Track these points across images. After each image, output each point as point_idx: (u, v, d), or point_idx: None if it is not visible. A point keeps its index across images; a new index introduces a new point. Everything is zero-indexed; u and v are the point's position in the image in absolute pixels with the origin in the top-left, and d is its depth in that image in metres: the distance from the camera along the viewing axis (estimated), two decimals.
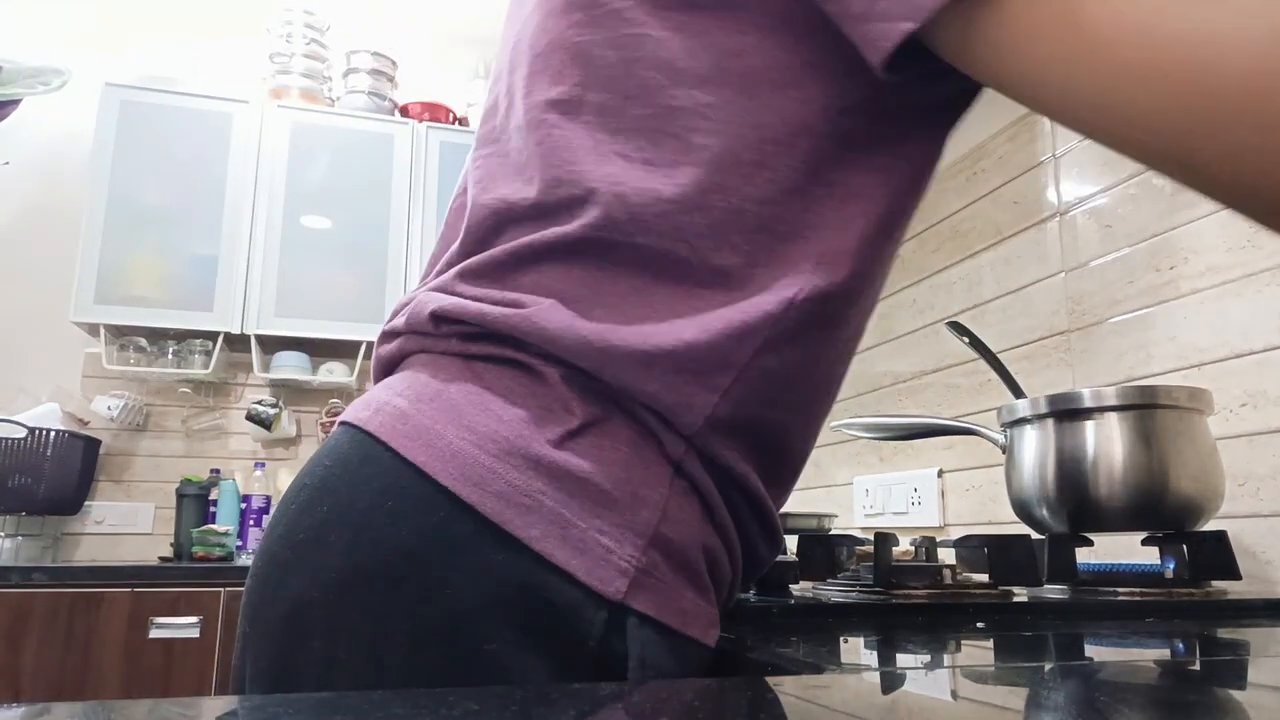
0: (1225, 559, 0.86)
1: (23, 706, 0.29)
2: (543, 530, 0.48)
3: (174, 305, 2.70)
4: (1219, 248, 1.01)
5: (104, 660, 2.14)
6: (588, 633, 0.48)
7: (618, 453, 0.51)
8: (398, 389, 0.54)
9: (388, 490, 0.49)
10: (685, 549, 0.51)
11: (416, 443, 0.50)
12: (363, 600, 0.48)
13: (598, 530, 0.49)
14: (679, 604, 0.51)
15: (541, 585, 0.47)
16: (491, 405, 0.51)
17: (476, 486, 0.48)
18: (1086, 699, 0.40)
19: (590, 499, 0.49)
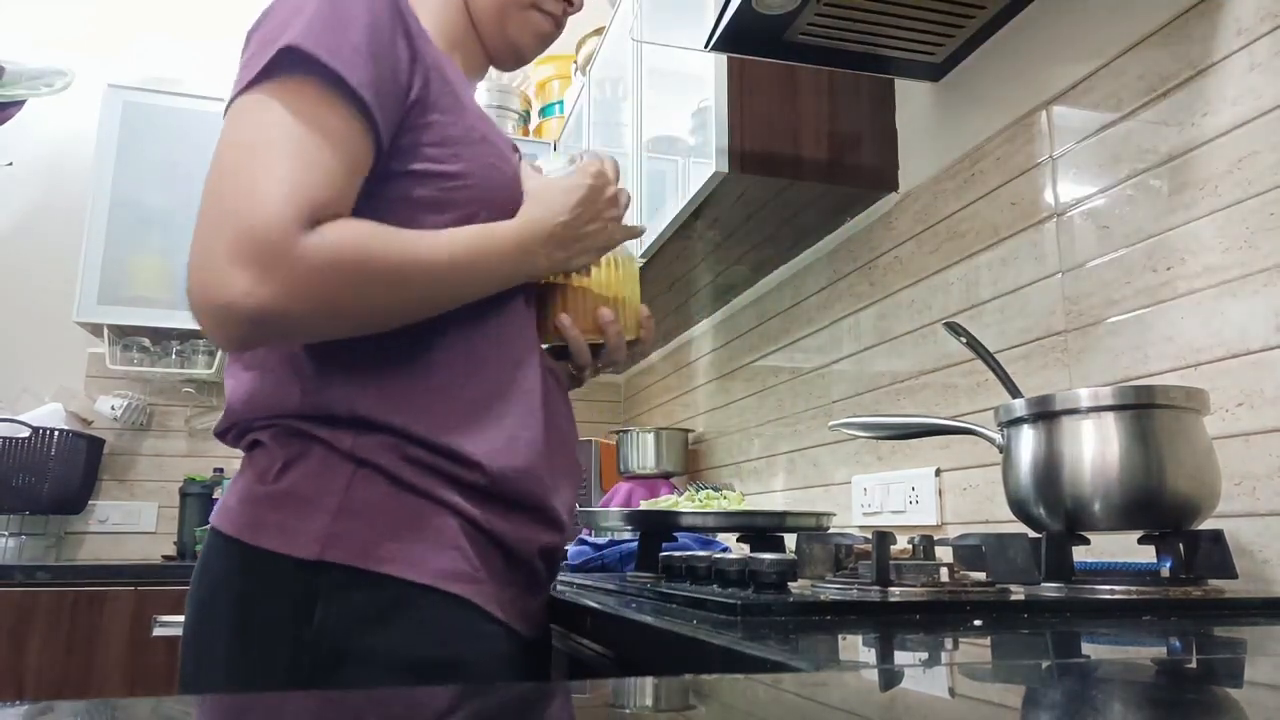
0: (1222, 558, 0.87)
1: (26, 704, 0.29)
2: (269, 536, 0.74)
3: (177, 305, 2.70)
4: (1216, 248, 1.02)
5: (107, 658, 2.14)
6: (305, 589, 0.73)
7: (307, 470, 0.76)
8: None
9: (209, 547, 0.80)
10: (380, 509, 0.75)
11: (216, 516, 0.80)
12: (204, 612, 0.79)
13: (298, 519, 0.74)
14: (374, 551, 0.73)
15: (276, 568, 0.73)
16: (246, 473, 0.80)
17: (231, 523, 0.77)
18: (1083, 697, 0.41)
19: (294, 504, 0.75)
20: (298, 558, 0.73)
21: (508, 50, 0.97)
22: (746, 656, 0.53)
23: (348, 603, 0.73)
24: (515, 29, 0.95)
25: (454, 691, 0.38)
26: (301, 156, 0.68)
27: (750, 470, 2.20)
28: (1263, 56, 0.98)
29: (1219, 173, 1.02)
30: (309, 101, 0.70)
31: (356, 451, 0.76)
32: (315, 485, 0.75)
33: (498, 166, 0.84)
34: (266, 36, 0.72)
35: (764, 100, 1.62)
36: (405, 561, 0.74)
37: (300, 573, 0.73)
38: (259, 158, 0.68)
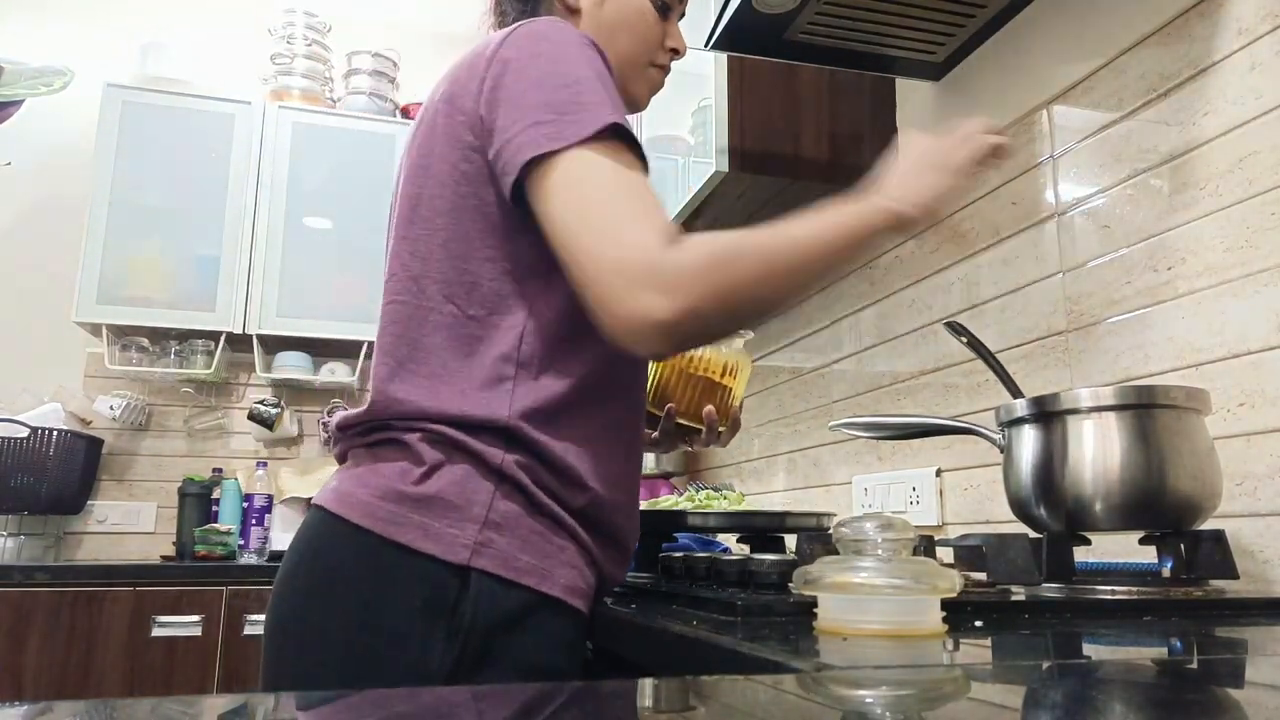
0: (1223, 558, 0.86)
1: (25, 705, 0.29)
2: (411, 535, 0.78)
3: (176, 305, 2.70)
4: (1216, 248, 1.02)
5: (106, 659, 2.14)
6: (446, 591, 0.77)
7: (454, 478, 0.80)
8: (337, 477, 0.87)
9: (327, 534, 0.82)
10: (517, 525, 0.80)
11: (337, 502, 0.82)
12: (318, 598, 0.80)
13: (446, 525, 0.79)
14: (513, 564, 0.79)
15: (416, 567, 0.77)
16: (379, 468, 0.83)
17: (369, 516, 0.80)
18: (1084, 698, 0.41)
19: (440, 510, 0.79)
20: (448, 560, 0.77)
21: (630, 104, 1.04)
22: (746, 656, 0.53)
23: (495, 608, 0.78)
24: (636, 86, 1.03)
25: (447, 691, 0.38)
26: (643, 200, 0.77)
27: (750, 470, 2.20)
28: (1263, 56, 0.98)
29: (1220, 172, 1.02)
30: (624, 159, 0.79)
31: (504, 467, 0.81)
32: (464, 494, 0.80)
33: None
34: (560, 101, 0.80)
35: (764, 100, 1.62)
36: (539, 574, 0.80)
37: (444, 574, 0.77)
38: (614, 204, 0.76)
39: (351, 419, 0.88)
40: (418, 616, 0.77)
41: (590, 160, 0.78)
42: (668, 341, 0.74)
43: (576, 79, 0.81)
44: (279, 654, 0.82)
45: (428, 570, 0.77)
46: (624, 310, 0.73)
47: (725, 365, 1.07)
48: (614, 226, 0.75)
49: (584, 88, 0.80)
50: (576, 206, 0.77)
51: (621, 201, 0.76)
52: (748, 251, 0.76)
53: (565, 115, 0.79)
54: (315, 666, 0.79)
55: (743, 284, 0.75)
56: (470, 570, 0.77)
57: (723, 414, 1.08)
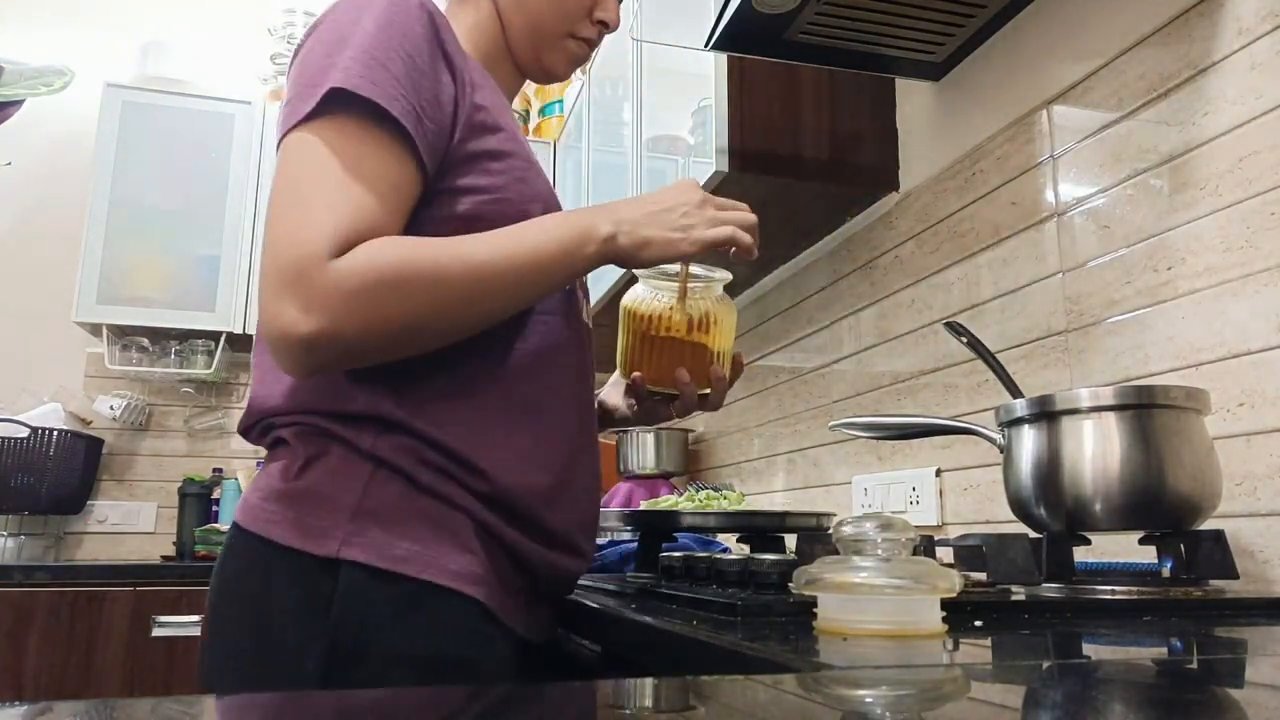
0: (1223, 558, 0.86)
1: (25, 705, 0.29)
2: (285, 532, 0.76)
3: (176, 305, 2.70)
4: (1216, 248, 1.02)
5: (106, 659, 2.14)
6: (325, 585, 0.74)
7: (327, 468, 0.78)
8: None
9: (229, 544, 0.82)
10: (397, 511, 0.76)
11: (238, 511, 0.81)
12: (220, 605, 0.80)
13: (316, 518, 0.76)
14: (389, 552, 0.75)
15: (292, 564, 0.75)
16: (268, 469, 0.82)
17: (250, 518, 0.79)
18: (1084, 698, 0.41)
19: (310, 502, 0.77)
20: (316, 554, 0.74)
21: (541, 74, 1.00)
22: (746, 657, 0.53)
23: (365, 600, 0.74)
24: (550, 56, 0.97)
25: (459, 692, 0.38)
26: (338, 191, 0.72)
27: (750, 470, 2.20)
28: (1263, 56, 0.98)
29: (1219, 172, 1.02)
30: (351, 138, 0.74)
31: (376, 451, 0.77)
32: (334, 483, 0.77)
33: (528, 180, 0.86)
34: (311, 75, 0.75)
35: (764, 100, 1.62)
36: (421, 561, 0.76)
37: (318, 569, 0.74)
38: (298, 197, 0.72)
39: (241, 423, 0.87)
40: (295, 617, 0.74)
41: (300, 143, 0.74)
42: (306, 359, 0.71)
43: (340, 42, 0.76)
44: (202, 666, 0.82)
45: (301, 567, 0.75)
46: (266, 317, 0.70)
47: (692, 321, 0.93)
48: (285, 225, 0.71)
49: (343, 54, 0.75)
50: (271, 196, 0.74)
51: (305, 192, 0.72)
52: (416, 273, 0.71)
53: (308, 88, 0.74)
54: (222, 676, 0.78)
55: (399, 313, 0.71)
56: (340, 562, 0.74)
57: (698, 374, 0.94)
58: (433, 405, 0.79)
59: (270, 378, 0.83)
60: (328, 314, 0.68)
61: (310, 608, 0.74)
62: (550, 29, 0.95)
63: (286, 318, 0.68)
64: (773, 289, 2.13)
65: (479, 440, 0.80)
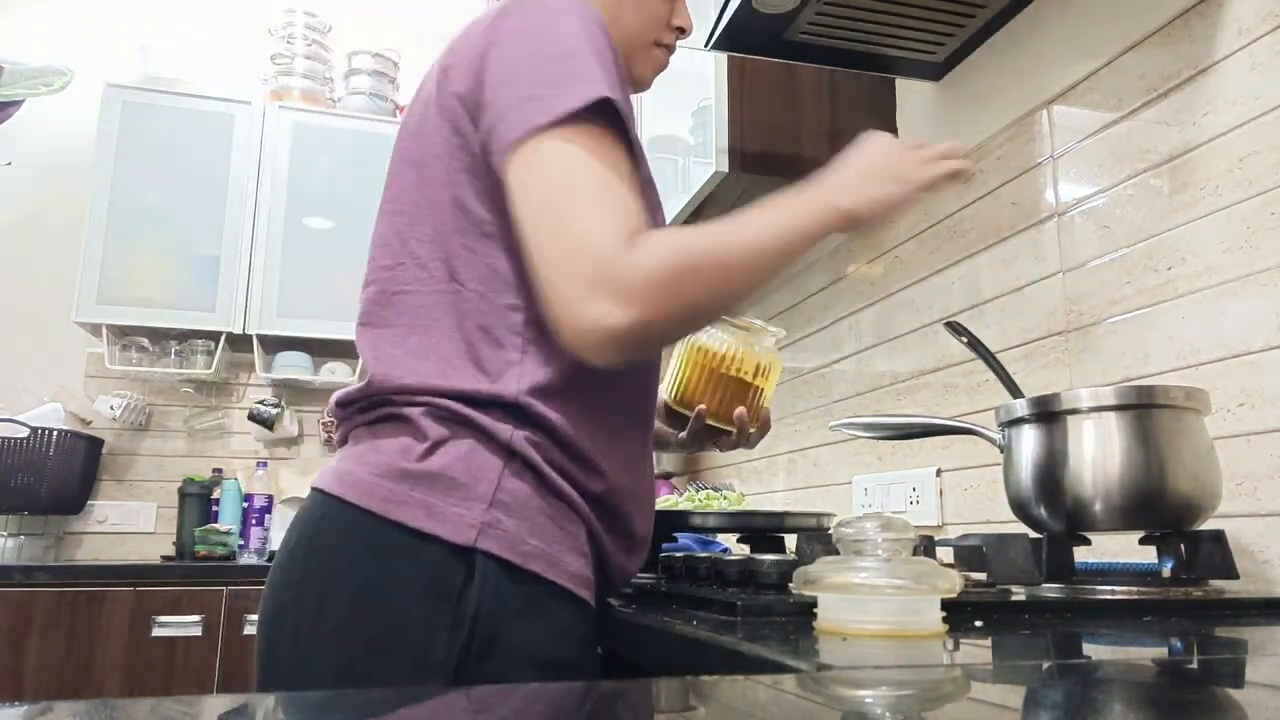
0: (1223, 558, 0.86)
1: (25, 705, 0.29)
2: (413, 514, 0.74)
3: (176, 305, 2.70)
4: (1216, 248, 1.02)
5: (106, 659, 2.14)
6: (454, 575, 0.73)
7: (459, 454, 0.76)
8: (337, 458, 0.84)
9: (323, 517, 0.78)
10: (525, 506, 0.76)
11: (335, 483, 0.79)
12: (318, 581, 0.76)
13: (450, 504, 0.74)
14: (520, 547, 0.75)
15: (421, 549, 0.73)
16: (379, 445, 0.79)
17: (368, 495, 0.76)
18: (1084, 698, 0.41)
19: (444, 487, 0.75)
20: (451, 541, 0.73)
21: (633, 83, 1.01)
22: (747, 657, 0.53)
23: (499, 594, 0.74)
24: (640, 66, 1.00)
25: (447, 690, 0.38)
26: (610, 192, 0.74)
27: (750, 470, 2.20)
28: (1263, 56, 0.98)
29: (1220, 172, 1.02)
30: (604, 140, 0.76)
31: (513, 443, 0.77)
32: (470, 471, 0.76)
33: (653, 183, 0.91)
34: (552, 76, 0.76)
35: (764, 99, 1.62)
36: (547, 560, 0.76)
37: (451, 556, 0.73)
38: (577, 200, 0.73)
39: (351, 394, 0.84)
40: (420, 602, 0.72)
41: (561, 147, 0.74)
42: (619, 350, 0.72)
43: (569, 52, 0.77)
44: (273, 646, 0.77)
45: (431, 552, 0.73)
46: (574, 316, 0.70)
47: (758, 366, 1.03)
48: (570, 225, 0.72)
49: (577, 62, 0.77)
50: (538, 199, 0.74)
51: (584, 195, 0.73)
52: (706, 259, 0.73)
53: (553, 90, 0.75)
54: (311, 658, 0.74)
55: (701, 294, 0.73)
56: (476, 552, 0.73)
57: (754, 416, 1.03)
58: (564, 400, 0.80)
59: (396, 356, 0.82)
60: (644, 303, 0.69)
61: (440, 594, 0.72)
62: (640, 40, 0.98)
63: (601, 313, 0.69)
64: (773, 289, 2.13)
65: (602, 439, 0.82)
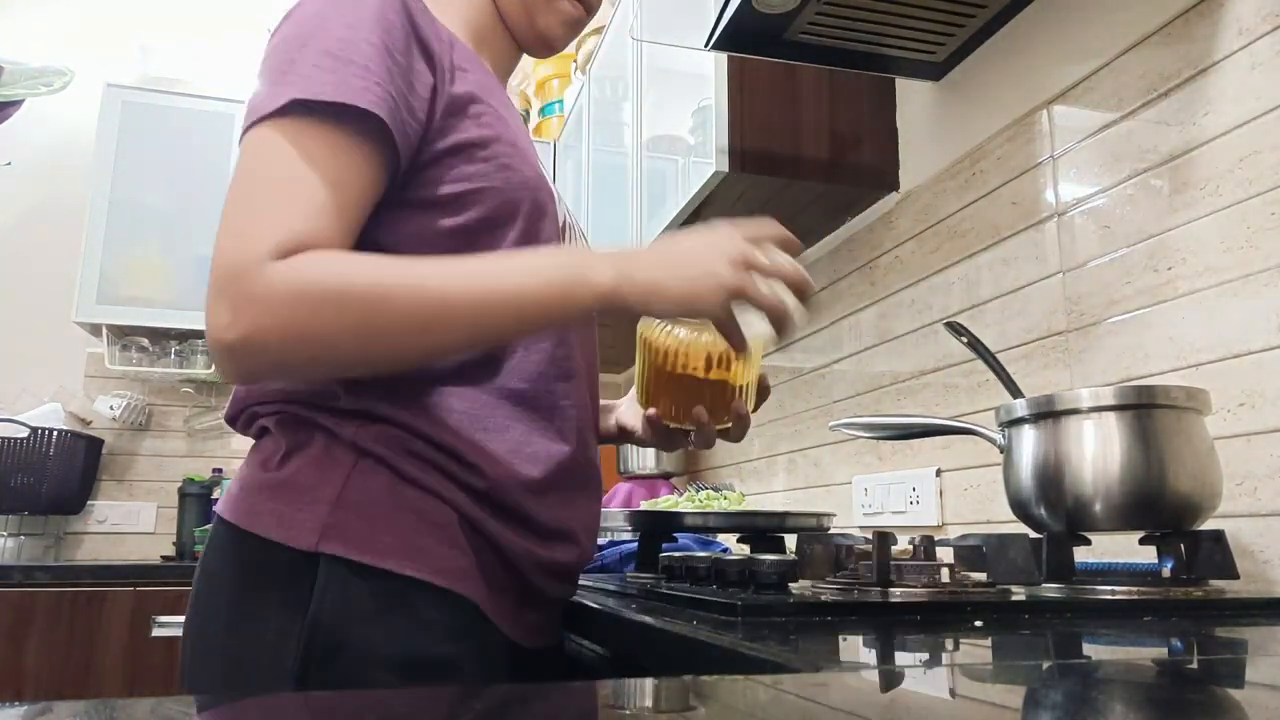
0: (1223, 558, 0.86)
1: (25, 705, 0.29)
2: (266, 523, 0.74)
3: (176, 305, 2.70)
4: (1217, 248, 1.02)
5: (106, 659, 2.14)
6: (306, 579, 0.72)
7: (312, 457, 0.76)
8: None
9: (212, 536, 0.80)
10: (379, 503, 0.74)
11: (221, 503, 0.80)
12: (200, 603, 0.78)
13: (297, 509, 0.74)
14: (372, 546, 0.72)
15: (273, 560, 0.73)
16: (250, 459, 0.81)
17: (231, 510, 0.77)
18: (1084, 698, 0.41)
19: (293, 492, 0.74)
20: (295, 547, 0.72)
21: (538, 41, 0.96)
22: (747, 657, 0.53)
23: (344, 595, 0.72)
24: (544, 19, 0.93)
25: (452, 692, 0.38)
26: (289, 195, 0.69)
27: (750, 470, 2.20)
28: (1264, 56, 0.98)
29: (1220, 172, 1.02)
30: (312, 139, 0.70)
31: (358, 441, 0.75)
32: (315, 474, 0.75)
33: (513, 167, 0.82)
34: (276, 70, 0.73)
35: (764, 99, 1.62)
36: (404, 555, 0.73)
37: (297, 563, 0.72)
38: (247, 197, 0.69)
39: (228, 411, 0.84)
40: (278, 611, 0.72)
41: (259, 142, 0.70)
42: (231, 365, 0.67)
43: (307, 37, 0.73)
44: (182, 660, 0.79)
45: (283, 560, 0.72)
46: (206, 316, 0.67)
47: (711, 358, 0.86)
48: (230, 226, 0.68)
49: (306, 52, 0.72)
50: (230, 195, 0.70)
51: (254, 197, 0.69)
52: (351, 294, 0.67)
53: (271, 85, 0.72)
54: (200, 674, 0.76)
55: (329, 329, 0.67)
56: (320, 556, 0.72)
57: (718, 411, 0.88)
58: (422, 398, 0.77)
59: None
60: (252, 321, 0.65)
61: (289, 603, 0.72)
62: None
63: (217, 321, 0.66)
64: None
65: (471, 433, 0.78)
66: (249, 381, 0.75)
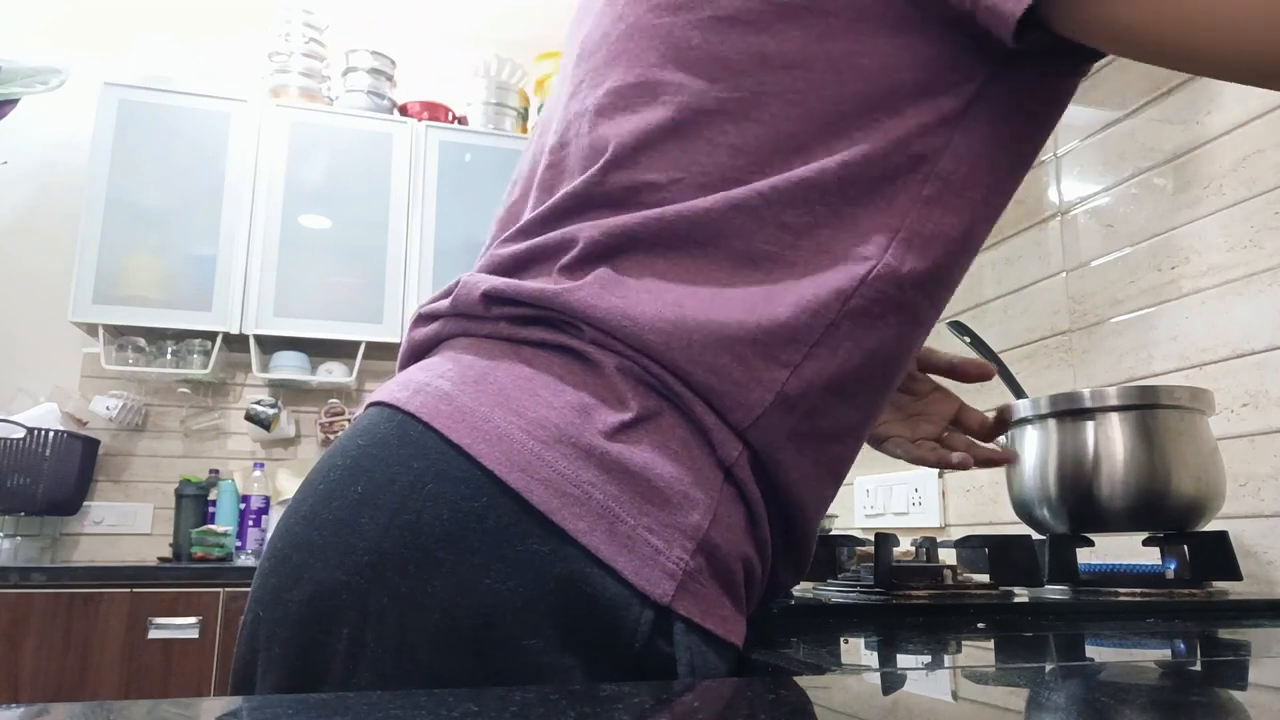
0: (1226, 559, 0.86)
1: (21, 707, 0.29)
2: (590, 523, 0.45)
3: (172, 305, 2.69)
4: (1220, 247, 1.01)
5: (103, 661, 2.13)
6: (632, 633, 0.46)
7: (670, 449, 0.48)
8: (438, 370, 0.51)
9: (427, 472, 0.46)
10: (728, 557, 0.49)
11: (461, 424, 0.47)
12: (395, 586, 0.45)
13: (646, 528, 0.46)
14: (720, 612, 0.49)
15: (585, 580, 0.45)
16: (541, 391, 0.49)
17: (523, 472, 0.46)
18: (1087, 700, 0.40)
19: (641, 495, 0.47)
20: (636, 587, 0.46)
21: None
22: (747, 659, 0.52)
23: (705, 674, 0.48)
24: None
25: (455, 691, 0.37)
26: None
27: None
28: None
29: (1223, 171, 1.01)
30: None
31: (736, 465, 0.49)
32: (684, 480, 0.48)
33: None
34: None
35: None
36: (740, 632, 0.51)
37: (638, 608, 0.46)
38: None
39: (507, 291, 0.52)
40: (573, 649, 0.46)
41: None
42: None
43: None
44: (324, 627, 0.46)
45: (606, 592, 0.45)
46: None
47: None
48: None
49: None
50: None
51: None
52: None
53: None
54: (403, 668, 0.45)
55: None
56: (672, 614, 0.46)
57: None
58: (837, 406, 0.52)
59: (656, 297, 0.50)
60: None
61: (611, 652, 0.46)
62: None
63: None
64: None
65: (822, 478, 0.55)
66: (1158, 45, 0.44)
